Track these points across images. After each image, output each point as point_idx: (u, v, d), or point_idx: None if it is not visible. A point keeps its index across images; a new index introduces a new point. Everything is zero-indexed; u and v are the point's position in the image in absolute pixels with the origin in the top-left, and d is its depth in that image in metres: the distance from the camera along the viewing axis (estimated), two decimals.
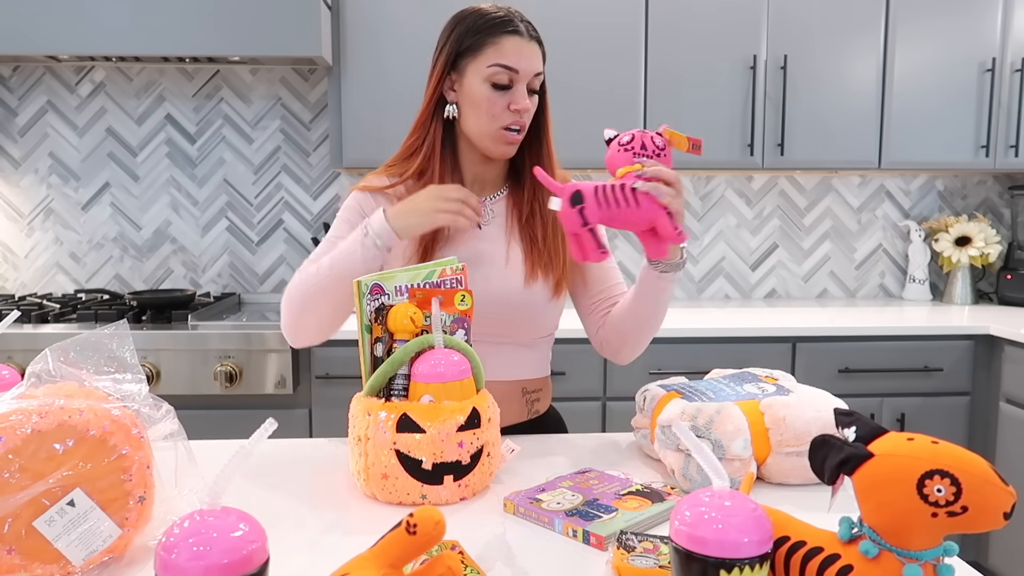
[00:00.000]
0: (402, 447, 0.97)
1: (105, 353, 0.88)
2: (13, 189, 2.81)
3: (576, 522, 0.91)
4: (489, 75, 1.22)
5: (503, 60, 1.22)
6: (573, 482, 1.03)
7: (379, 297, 1.04)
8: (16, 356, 2.19)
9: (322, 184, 2.88)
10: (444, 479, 0.98)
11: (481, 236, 1.30)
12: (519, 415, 1.34)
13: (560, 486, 1.02)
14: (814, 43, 2.61)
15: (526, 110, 1.24)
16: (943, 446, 0.60)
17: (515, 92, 1.23)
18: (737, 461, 0.99)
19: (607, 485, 1.02)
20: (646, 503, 0.96)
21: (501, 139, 1.25)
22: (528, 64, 1.23)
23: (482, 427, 1.00)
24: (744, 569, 0.62)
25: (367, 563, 0.64)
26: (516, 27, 1.23)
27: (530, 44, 1.24)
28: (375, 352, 1.03)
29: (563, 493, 0.99)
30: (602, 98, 2.55)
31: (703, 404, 1.03)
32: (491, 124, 1.24)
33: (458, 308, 1.08)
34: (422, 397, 0.99)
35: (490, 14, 1.25)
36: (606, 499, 0.97)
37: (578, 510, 0.94)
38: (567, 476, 1.06)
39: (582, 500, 0.97)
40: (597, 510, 0.94)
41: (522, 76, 1.23)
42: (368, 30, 2.51)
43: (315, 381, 2.32)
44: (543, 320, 1.34)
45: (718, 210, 2.99)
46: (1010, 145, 2.69)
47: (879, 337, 2.43)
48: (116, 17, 2.31)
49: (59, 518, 0.76)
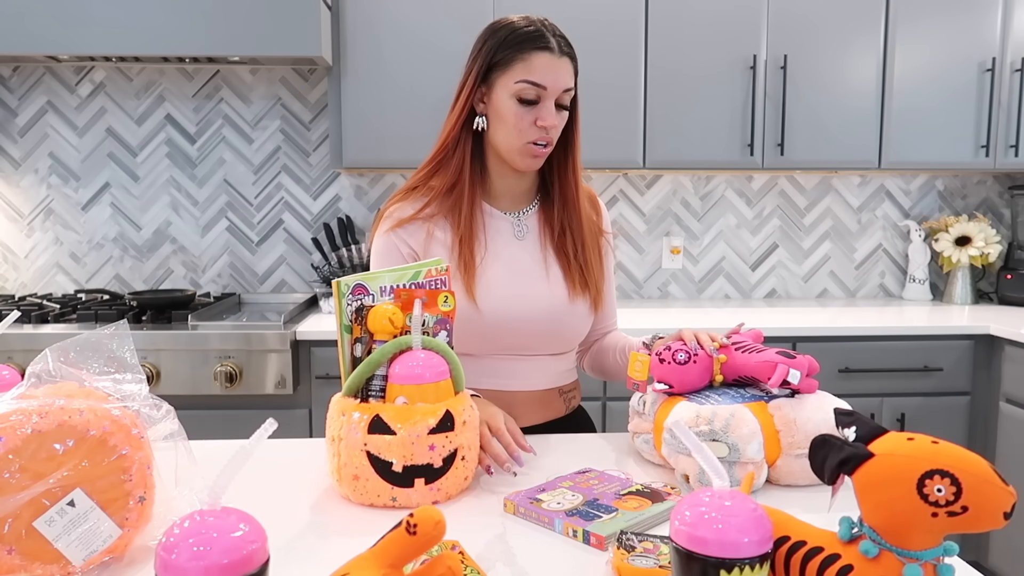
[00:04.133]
0: (372, 448, 0.96)
1: (105, 353, 0.88)
2: (13, 189, 2.81)
3: (576, 522, 0.90)
4: (517, 91, 1.22)
5: (531, 76, 1.21)
6: (573, 482, 1.03)
7: (360, 297, 1.04)
8: (16, 356, 2.18)
9: (322, 184, 2.88)
10: (415, 482, 0.97)
11: (521, 249, 1.33)
12: (558, 411, 1.39)
13: (560, 486, 1.01)
14: (814, 43, 2.61)
15: (552, 127, 1.23)
16: (943, 446, 0.60)
17: (542, 108, 1.23)
18: (751, 464, 0.99)
19: (607, 485, 1.02)
20: (646, 503, 0.96)
21: (527, 153, 1.25)
22: (556, 80, 1.22)
23: (456, 430, 0.98)
24: (744, 569, 0.62)
25: (367, 563, 0.64)
26: (547, 43, 1.23)
27: (560, 60, 1.23)
28: (355, 352, 1.03)
29: (563, 493, 0.99)
30: (602, 98, 2.55)
31: (716, 407, 1.02)
32: (518, 139, 1.24)
33: (441, 309, 1.07)
34: (396, 399, 0.98)
35: (522, 28, 1.24)
36: (606, 499, 0.97)
37: (578, 510, 0.94)
38: (567, 476, 1.06)
39: (582, 500, 0.97)
40: (597, 510, 0.94)
41: (550, 92, 1.22)
42: (368, 30, 2.50)
43: (315, 381, 2.32)
44: (583, 332, 1.39)
45: (718, 210, 2.99)
46: (1010, 145, 2.68)
47: (879, 337, 2.43)
48: (116, 17, 2.31)
49: (59, 518, 0.76)
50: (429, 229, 1.28)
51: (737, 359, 1.11)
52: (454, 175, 1.28)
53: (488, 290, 1.27)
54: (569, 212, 1.33)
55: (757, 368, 1.08)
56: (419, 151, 2.51)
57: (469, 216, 1.27)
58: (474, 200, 1.29)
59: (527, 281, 1.30)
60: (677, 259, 3.00)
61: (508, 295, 1.28)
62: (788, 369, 1.04)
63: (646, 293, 3.01)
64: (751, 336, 1.17)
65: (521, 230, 1.34)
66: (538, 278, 1.31)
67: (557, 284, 1.32)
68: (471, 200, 1.28)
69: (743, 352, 1.12)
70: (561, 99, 1.24)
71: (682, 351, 1.10)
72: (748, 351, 1.11)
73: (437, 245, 1.28)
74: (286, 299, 2.83)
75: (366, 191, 2.89)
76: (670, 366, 1.10)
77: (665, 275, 3.01)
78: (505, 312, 1.27)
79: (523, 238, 1.34)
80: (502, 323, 1.27)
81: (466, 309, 1.24)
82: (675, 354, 1.10)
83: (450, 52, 2.49)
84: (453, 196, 1.28)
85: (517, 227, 1.34)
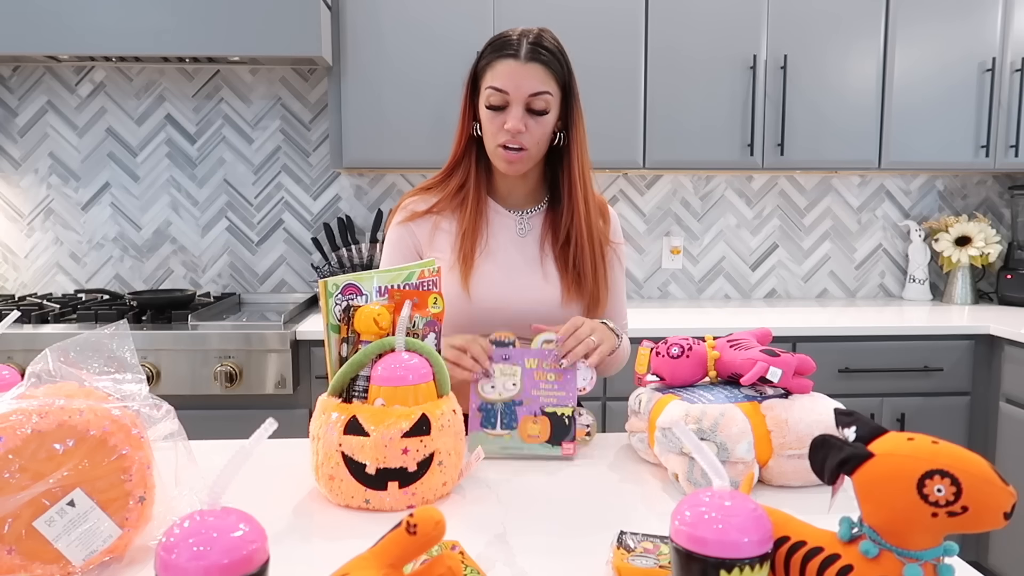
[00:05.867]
0: (347, 449, 0.96)
1: (105, 353, 0.88)
2: (13, 189, 2.81)
3: (475, 424, 1.09)
4: (486, 97, 1.29)
5: (495, 82, 1.28)
6: (537, 363, 1.14)
7: (348, 298, 1.04)
8: (16, 356, 2.18)
9: (322, 184, 2.88)
10: (388, 485, 0.96)
11: (520, 245, 1.37)
12: None
13: (524, 362, 1.14)
14: (814, 43, 2.61)
15: (517, 131, 1.27)
16: (943, 446, 0.60)
17: (507, 112, 1.28)
18: (741, 464, 0.98)
19: (551, 392, 1.13)
20: (545, 430, 1.11)
21: (500, 156, 1.31)
22: (519, 86, 1.26)
23: (432, 434, 0.97)
24: (744, 569, 0.62)
25: (367, 563, 0.64)
26: (513, 51, 1.27)
27: (526, 66, 1.27)
28: (341, 352, 1.03)
29: (512, 378, 1.11)
30: (602, 98, 2.55)
31: (706, 407, 1.02)
32: (491, 142, 1.31)
33: (431, 311, 1.07)
34: (375, 400, 0.98)
35: (499, 39, 1.30)
36: (528, 407, 1.10)
37: (493, 406, 1.06)
38: (547, 356, 1.16)
39: (514, 395, 1.08)
40: (506, 417, 1.02)
41: (514, 97, 1.27)
42: (368, 30, 2.50)
43: (315, 381, 2.32)
44: None
45: (718, 210, 2.99)
46: (1010, 145, 2.68)
47: (879, 337, 2.43)
48: (116, 17, 2.31)
49: (59, 518, 0.76)
50: (436, 222, 1.37)
51: (727, 355, 1.12)
52: (463, 176, 1.37)
53: (480, 280, 1.32)
54: (570, 216, 1.35)
55: (742, 365, 1.08)
56: (419, 151, 2.54)
57: (474, 211, 1.35)
58: (480, 197, 1.36)
59: (520, 276, 1.35)
60: (677, 259, 3.00)
61: (499, 286, 1.33)
62: (767, 367, 1.04)
63: (646, 293, 3.01)
64: (758, 335, 1.17)
65: (524, 228, 1.38)
66: (532, 275, 1.35)
67: (552, 284, 1.35)
68: (477, 197, 1.36)
69: (735, 349, 1.12)
70: (532, 104, 1.28)
71: (675, 345, 1.13)
72: (739, 348, 1.12)
73: (442, 236, 1.36)
74: (286, 299, 2.83)
75: (366, 191, 2.89)
76: (663, 359, 1.13)
77: (665, 275, 3.01)
78: (494, 303, 1.32)
79: (524, 236, 1.39)
80: (490, 312, 1.31)
81: (458, 297, 1.30)
82: (669, 348, 1.14)
83: (450, 52, 2.49)
84: (462, 194, 1.36)
85: (520, 225, 1.39)
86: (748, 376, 1.06)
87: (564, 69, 1.30)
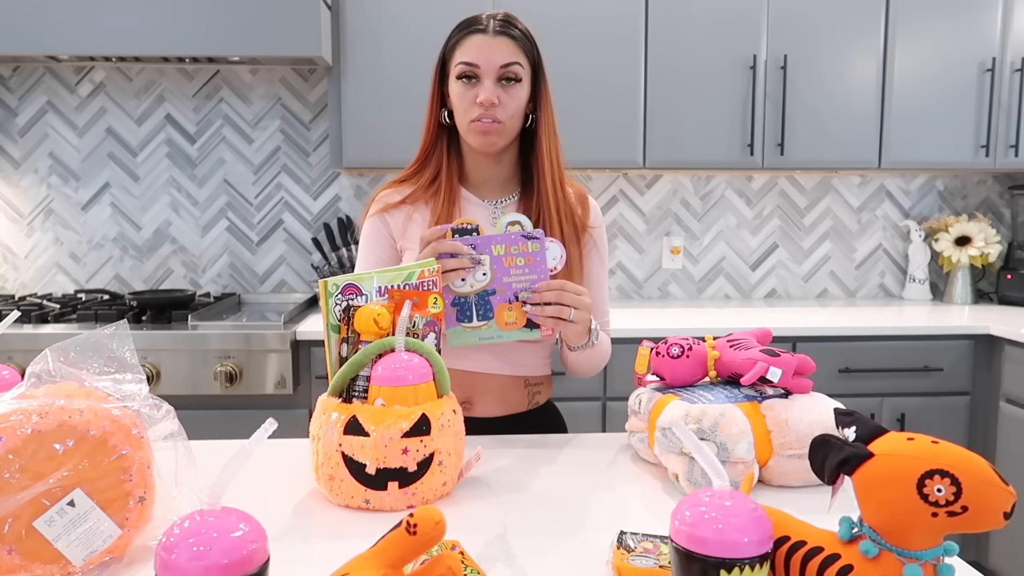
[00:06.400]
0: (347, 449, 0.96)
1: (105, 353, 0.88)
2: (13, 189, 2.81)
3: (451, 320, 1.12)
4: (457, 72, 1.29)
5: (465, 57, 1.28)
6: (505, 248, 1.15)
7: (348, 298, 1.04)
8: (16, 356, 2.18)
9: (322, 184, 2.88)
10: (388, 485, 0.96)
11: None
12: (520, 405, 1.38)
13: (492, 250, 1.15)
14: (814, 43, 2.61)
15: (489, 103, 1.27)
16: (943, 446, 0.60)
17: (479, 85, 1.28)
18: (741, 464, 0.98)
19: (523, 276, 1.15)
20: (522, 316, 1.13)
21: (475, 130, 1.30)
22: (490, 59, 1.27)
23: (432, 434, 0.97)
24: (744, 569, 0.62)
25: (367, 563, 0.64)
26: (481, 26, 1.29)
27: (495, 39, 1.28)
28: (341, 352, 1.03)
29: (480, 269, 1.13)
30: (602, 98, 2.55)
31: (706, 407, 1.02)
32: (464, 117, 1.30)
33: (431, 311, 1.07)
34: (375, 400, 0.98)
35: (466, 20, 1.31)
36: (502, 295, 1.12)
37: (466, 300, 1.10)
38: (515, 240, 1.16)
39: (485, 285, 1.10)
40: (481, 308, 1.08)
41: (484, 70, 1.27)
42: (368, 30, 2.51)
43: (315, 381, 2.32)
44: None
45: (718, 210, 3.00)
46: (1010, 145, 2.68)
47: (879, 337, 2.43)
48: (116, 17, 2.31)
49: (59, 518, 0.76)
50: (409, 212, 1.37)
51: (727, 355, 1.12)
52: (436, 167, 1.37)
53: None
54: (540, 200, 1.33)
55: (742, 365, 1.08)
56: None
57: (447, 201, 1.34)
58: (452, 187, 1.36)
59: None
60: (677, 259, 3.00)
61: None
62: (768, 367, 1.04)
63: (646, 293, 3.01)
64: (758, 335, 1.17)
65: (496, 217, 1.37)
66: None
67: None
68: (449, 187, 1.35)
69: (735, 349, 1.12)
70: (503, 74, 1.28)
71: (675, 345, 1.13)
72: (739, 348, 1.12)
73: (416, 226, 1.35)
74: (286, 299, 2.83)
75: (366, 191, 2.89)
76: (663, 359, 1.13)
77: (665, 275, 3.01)
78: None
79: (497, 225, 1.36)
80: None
81: None
82: (669, 348, 1.13)
83: None
84: (435, 185, 1.36)
85: (494, 214, 1.38)
86: (748, 376, 1.06)
87: (534, 49, 1.31)
